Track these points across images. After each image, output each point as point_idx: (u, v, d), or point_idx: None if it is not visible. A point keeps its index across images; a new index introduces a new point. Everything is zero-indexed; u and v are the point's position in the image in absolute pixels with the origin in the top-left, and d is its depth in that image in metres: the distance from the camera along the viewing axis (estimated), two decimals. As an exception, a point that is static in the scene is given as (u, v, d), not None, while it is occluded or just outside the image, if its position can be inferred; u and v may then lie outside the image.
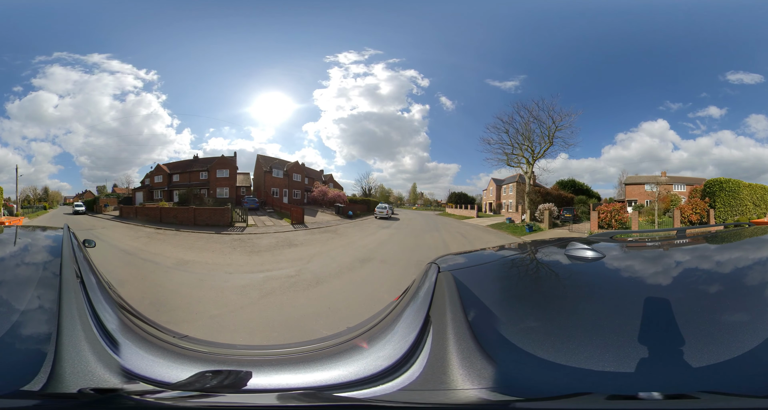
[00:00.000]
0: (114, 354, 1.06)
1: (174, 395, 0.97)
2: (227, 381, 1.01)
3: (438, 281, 1.39)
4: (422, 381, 0.95)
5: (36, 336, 1.11)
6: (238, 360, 1.30)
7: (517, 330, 1.08)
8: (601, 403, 0.81)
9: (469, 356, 0.97)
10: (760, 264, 1.49)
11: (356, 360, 1.10)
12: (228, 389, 0.99)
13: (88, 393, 0.90)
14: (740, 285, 1.29)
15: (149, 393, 0.97)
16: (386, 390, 0.96)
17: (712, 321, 1.01)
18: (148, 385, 1.00)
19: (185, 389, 0.98)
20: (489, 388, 0.88)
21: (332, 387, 1.02)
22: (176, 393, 0.98)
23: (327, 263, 11.79)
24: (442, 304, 1.22)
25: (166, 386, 1.01)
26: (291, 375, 1.07)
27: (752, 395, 0.76)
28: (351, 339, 1.27)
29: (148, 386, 0.99)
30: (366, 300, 7.63)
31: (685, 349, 0.88)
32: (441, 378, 0.93)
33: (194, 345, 1.39)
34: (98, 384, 0.94)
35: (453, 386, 0.90)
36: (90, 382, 0.93)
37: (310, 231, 18.78)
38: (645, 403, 0.80)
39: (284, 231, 18.14)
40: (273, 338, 5.55)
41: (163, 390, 0.99)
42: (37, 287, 1.40)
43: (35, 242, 2.30)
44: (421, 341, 1.08)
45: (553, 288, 1.44)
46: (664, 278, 1.43)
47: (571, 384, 0.86)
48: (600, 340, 0.97)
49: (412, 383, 0.95)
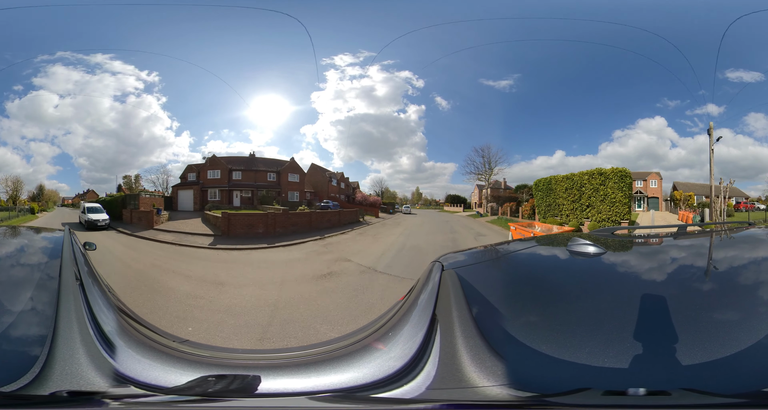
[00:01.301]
0: (109, 357, 1.05)
1: (166, 399, 0.96)
2: (233, 385, 0.99)
3: (442, 280, 1.40)
4: (442, 380, 0.96)
5: (31, 337, 1.10)
6: (244, 364, 1.29)
7: (522, 327, 1.10)
8: (598, 398, 0.83)
9: (478, 353, 0.98)
10: (756, 264, 1.50)
11: (368, 361, 1.10)
12: (235, 394, 0.98)
13: (61, 396, 0.90)
14: (737, 284, 1.30)
15: (138, 397, 0.96)
16: (416, 389, 0.96)
17: (708, 318, 1.03)
18: (138, 389, 0.98)
19: (182, 393, 0.97)
20: (505, 385, 0.89)
21: (357, 388, 1.01)
22: (169, 398, 0.97)
23: (415, 224, 25.86)
24: (447, 302, 1.23)
25: (160, 390, 0.99)
26: (304, 379, 1.06)
27: (729, 394, 0.79)
28: (361, 340, 1.28)
29: (137, 390, 0.98)
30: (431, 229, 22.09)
31: (678, 346, 0.91)
32: (457, 376, 0.94)
33: (195, 349, 1.38)
34: (82, 386, 0.93)
35: (471, 383, 0.91)
36: (75, 385, 0.93)
37: (391, 219, 29.71)
38: (631, 399, 0.82)
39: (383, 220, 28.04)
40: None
41: (153, 394, 0.98)
42: (35, 289, 1.39)
43: (35, 244, 2.28)
44: (429, 340, 1.09)
45: (556, 284, 1.45)
46: (663, 274, 1.45)
47: (574, 379, 0.88)
48: (601, 335, 0.99)
49: (434, 382, 0.96)
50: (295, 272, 10.09)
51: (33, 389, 0.89)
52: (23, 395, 0.88)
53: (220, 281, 8.77)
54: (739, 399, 0.78)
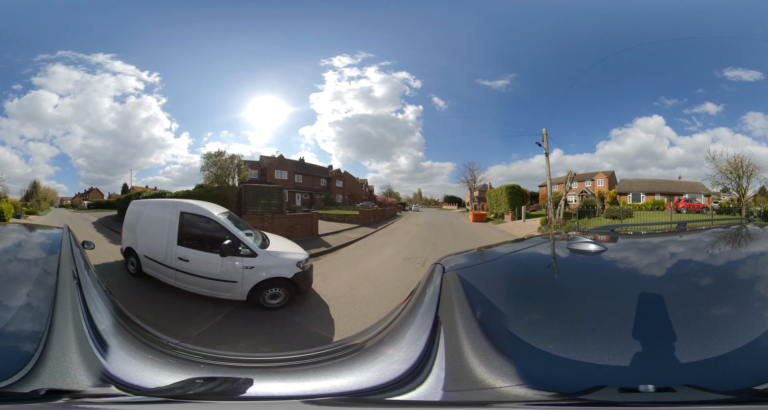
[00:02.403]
0: (101, 356, 1.05)
1: (139, 400, 0.96)
2: (220, 388, 0.98)
3: (444, 282, 1.40)
4: (453, 382, 0.95)
5: (26, 334, 1.10)
6: (238, 367, 1.27)
7: (526, 326, 1.10)
8: (615, 395, 0.84)
9: (485, 354, 0.98)
10: (756, 260, 1.50)
11: (373, 364, 1.09)
12: (221, 396, 0.96)
13: (38, 394, 0.90)
14: (738, 281, 1.30)
15: (114, 396, 0.95)
16: (430, 392, 0.95)
17: (707, 315, 1.04)
18: (118, 389, 0.98)
19: (162, 395, 0.97)
20: (522, 385, 0.89)
21: (364, 391, 1.00)
22: (141, 398, 0.96)
23: (428, 214, 33.29)
24: (450, 304, 1.22)
25: (141, 391, 0.99)
26: (300, 383, 1.05)
27: (730, 390, 0.80)
28: (364, 344, 1.27)
29: (116, 390, 0.98)
30: (437, 216, 32.00)
31: (680, 342, 0.91)
32: (468, 378, 0.94)
33: (188, 352, 1.36)
34: (66, 385, 0.93)
35: (487, 384, 0.91)
36: (60, 383, 0.93)
37: (410, 213, 38.10)
38: (642, 396, 0.83)
39: (408, 213, 36.98)
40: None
41: (127, 394, 0.97)
42: (33, 285, 1.38)
43: (34, 241, 2.26)
44: (434, 342, 1.08)
45: (558, 283, 1.45)
46: (662, 271, 1.45)
47: (585, 377, 0.89)
48: (604, 333, 1.00)
49: (446, 384, 0.95)
50: (407, 227, 21.27)
51: (23, 386, 0.90)
52: (4, 392, 0.88)
53: (395, 229, 20.27)
54: (740, 396, 0.79)
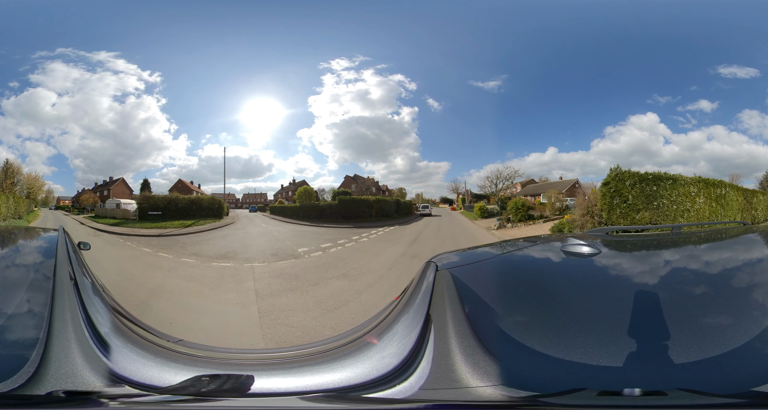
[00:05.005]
0: (104, 356, 1.04)
1: (160, 399, 0.96)
2: (227, 385, 0.99)
3: (437, 280, 1.39)
4: (435, 380, 0.95)
5: (25, 337, 1.09)
6: (238, 363, 1.28)
7: (516, 327, 1.10)
8: (593, 399, 0.83)
9: (472, 353, 0.98)
10: (749, 265, 1.51)
11: (362, 361, 1.10)
12: (229, 393, 0.97)
13: (57, 396, 0.89)
14: (728, 285, 1.31)
15: (133, 397, 0.95)
16: (408, 390, 0.95)
17: (699, 319, 1.04)
18: (134, 389, 0.98)
19: (177, 393, 0.97)
20: (498, 385, 0.89)
21: (350, 388, 1.00)
22: (164, 398, 0.96)
23: (435, 212, 31.57)
24: (441, 302, 1.22)
25: (155, 390, 0.99)
26: (297, 378, 1.06)
27: (724, 394, 0.79)
28: (356, 340, 1.27)
29: (133, 390, 0.98)
30: (439, 211, 28.39)
31: (672, 346, 0.91)
32: (450, 376, 0.94)
33: (190, 349, 1.37)
34: (78, 386, 0.92)
35: (464, 384, 0.91)
36: (70, 384, 0.92)
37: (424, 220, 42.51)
38: (627, 399, 0.82)
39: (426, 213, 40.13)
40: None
41: (149, 393, 0.97)
42: (29, 289, 1.37)
43: (29, 243, 2.26)
44: (423, 339, 1.09)
45: (550, 284, 1.45)
46: (655, 275, 1.45)
47: (569, 379, 0.88)
48: (594, 335, 0.99)
49: (427, 382, 0.95)
50: (437, 219, 24.59)
51: (28, 389, 0.88)
52: (20, 395, 0.87)
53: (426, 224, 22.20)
54: (734, 399, 0.78)
